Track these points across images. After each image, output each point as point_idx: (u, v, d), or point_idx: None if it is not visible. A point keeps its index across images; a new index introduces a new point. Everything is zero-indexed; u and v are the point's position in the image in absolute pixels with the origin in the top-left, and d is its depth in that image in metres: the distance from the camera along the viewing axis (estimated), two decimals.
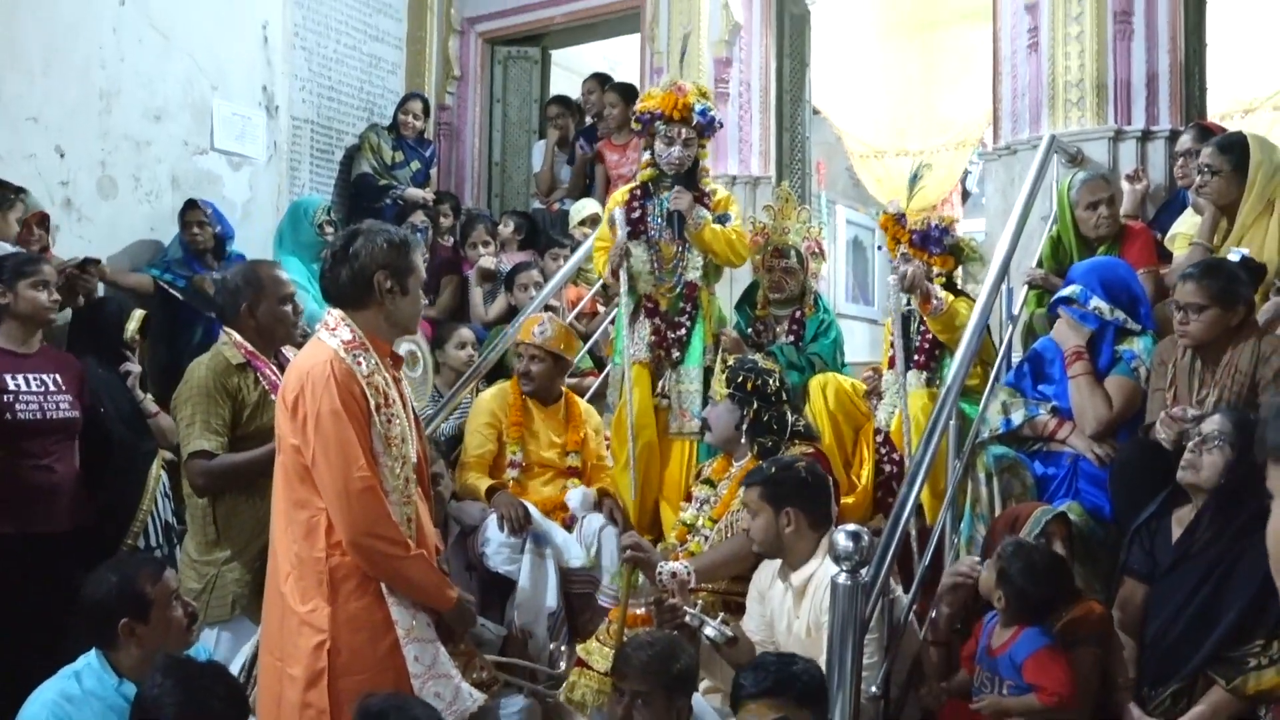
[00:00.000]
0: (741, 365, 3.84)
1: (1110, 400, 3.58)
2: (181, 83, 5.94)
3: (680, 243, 4.49)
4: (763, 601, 3.28)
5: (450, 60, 7.88)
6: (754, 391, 3.74)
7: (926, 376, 4.29)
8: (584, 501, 4.26)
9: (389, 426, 2.65)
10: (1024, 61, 5.48)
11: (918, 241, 4.35)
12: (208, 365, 3.39)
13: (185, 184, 5.91)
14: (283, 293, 3.51)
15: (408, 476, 2.67)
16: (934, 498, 3.88)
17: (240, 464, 3.30)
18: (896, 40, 8.65)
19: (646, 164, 4.59)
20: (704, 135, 4.53)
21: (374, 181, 6.93)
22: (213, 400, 3.31)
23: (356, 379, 2.62)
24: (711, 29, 6.61)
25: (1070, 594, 2.97)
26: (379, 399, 2.64)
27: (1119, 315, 3.67)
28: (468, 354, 5.22)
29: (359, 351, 2.67)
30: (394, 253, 2.73)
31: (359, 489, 2.56)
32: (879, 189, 8.91)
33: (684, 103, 4.42)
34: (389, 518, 2.59)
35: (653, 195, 4.55)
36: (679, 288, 4.47)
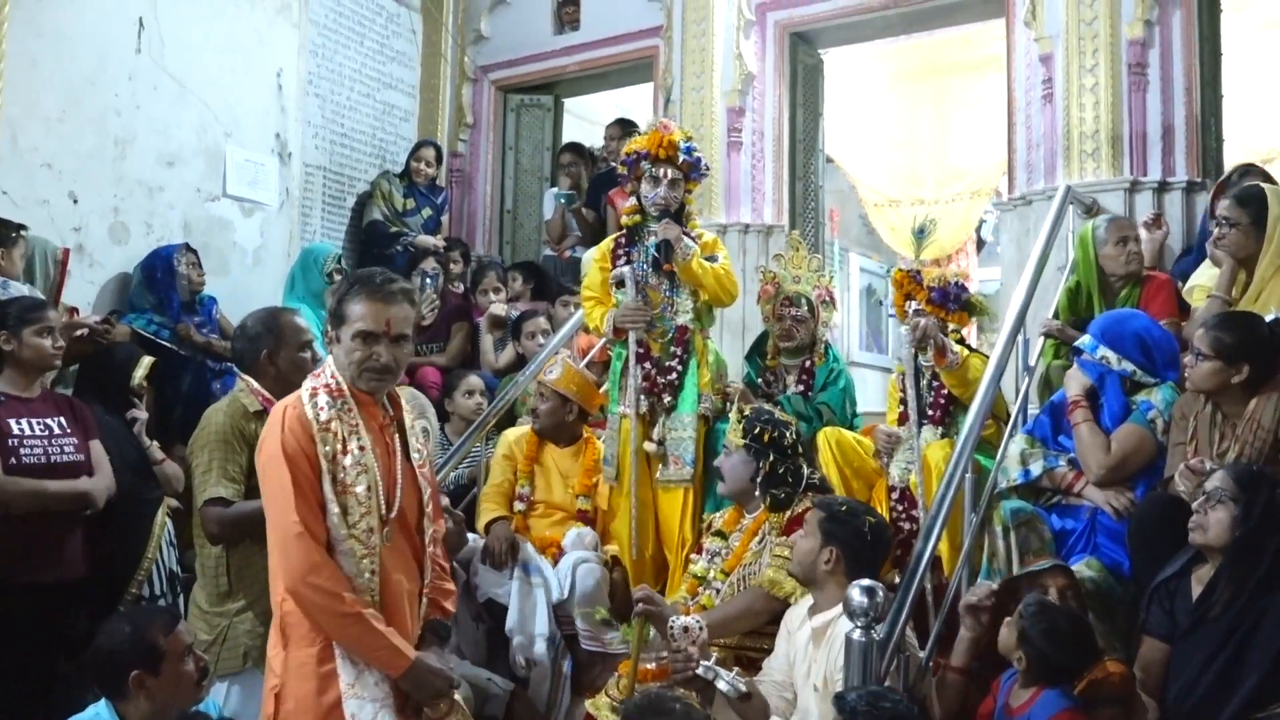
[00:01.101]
0: (758, 416, 3.82)
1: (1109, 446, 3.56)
2: (195, 129, 6.02)
3: (668, 283, 4.40)
4: (789, 640, 3.28)
5: (463, 108, 7.97)
6: (770, 443, 3.73)
7: (941, 431, 4.27)
8: (575, 541, 4.26)
9: (345, 474, 2.64)
10: (1038, 112, 5.52)
11: (937, 299, 4.34)
12: (225, 411, 3.40)
13: (197, 230, 5.96)
14: (302, 340, 3.54)
15: (371, 527, 2.65)
16: (952, 551, 3.85)
17: (256, 512, 3.26)
18: (910, 90, 8.73)
19: (631, 209, 4.51)
20: (690, 177, 4.43)
21: (385, 228, 6.98)
22: (230, 447, 3.32)
23: (307, 425, 2.63)
24: (724, 78, 6.68)
25: (1092, 655, 2.93)
26: (335, 446, 2.64)
27: (1126, 365, 3.66)
28: (475, 402, 5.25)
29: (325, 395, 2.68)
30: (334, 298, 2.77)
31: (292, 535, 2.57)
32: (893, 238, 8.95)
33: (669, 140, 4.35)
34: (323, 566, 2.57)
35: (638, 241, 4.47)
36: (670, 332, 4.40)
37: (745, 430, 3.79)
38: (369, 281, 2.72)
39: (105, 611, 3.57)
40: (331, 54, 7.18)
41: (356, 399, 2.73)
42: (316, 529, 2.60)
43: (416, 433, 2.92)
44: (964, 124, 8.51)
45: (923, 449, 4.13)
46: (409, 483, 2.79)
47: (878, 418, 4.95)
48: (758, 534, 3.69)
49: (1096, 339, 3.73)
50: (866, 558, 3.21)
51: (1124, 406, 3.64)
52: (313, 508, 2.61)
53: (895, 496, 4.23)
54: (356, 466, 2.66)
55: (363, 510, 2.65)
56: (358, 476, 2.65)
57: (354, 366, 2.71)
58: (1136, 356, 3.67)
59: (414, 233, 6.98)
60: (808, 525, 3.27)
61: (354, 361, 2.70)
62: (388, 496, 2.71)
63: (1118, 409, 3.64)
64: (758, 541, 3.67)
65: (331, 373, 2.74)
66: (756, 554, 3.64)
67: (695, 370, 4.37)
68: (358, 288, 2.72)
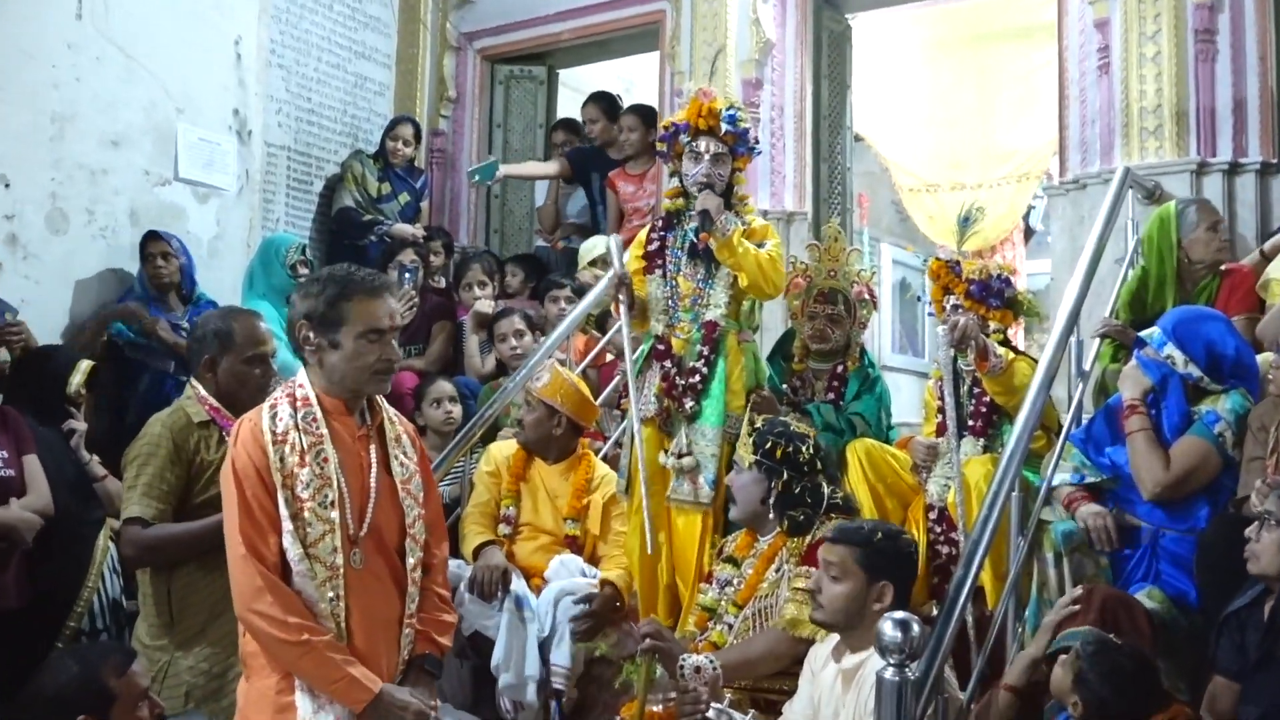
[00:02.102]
0: (770, 429, 3.82)
1: (1169, 460, 3.56)
2: (143, 105, 6.03)
3: (704, 271, 4.38)
4: (813, 681, 3.28)
5: (445, 80, 7.99)
6: (784, 460, 3.73)
7: (984, 443, 4.27)
8: (558, 571, 4.27)
9: (302, 488, 2.68)
10: (1094, 85, 5.53)
11: (976, 294, 4.35)
12: (164, 421, 3.40)
13: (145, 218, 5.97)
14: (252, 352, 3.50)
15: (335, 546, 2.68)
16: (996, 580, 3.86)
17: (181, 536, 3.28)
18: (950, 59, 8.72)
19: (673, 192, 4.52)
20: (737, 152, 4.41)
21: (357, 216, 7.00)
22: (161, 461, 3.32)
23: (259, 438, 2.69)
24: (740, 47, 6.69)
25: (1158, 700, 2.93)
26: (293, 458, 2.68)
27: (1192, 370, 3.66)
28: (444, 411, 5.26)
29: (285, 405, 2.74)
30: (318, 302, 2.77)
31: (237, 556, 2.65)
32: (931, 227, 8.94)
33: (709, 109, 4.34)
34: (269, 591, 2.62)
35: (675, 226, 4.47)
36: (697, 329, 4.36)
37: (756, 445, 3.79)
38: (356, 279, 2.80)
39: (41, 648, 3.58)
40: (297, 20, 7.20)
41: (326, 409, 2.76)
42: (264, 550, 2.65)
43: (404, 446, 2.93)
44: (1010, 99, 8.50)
45: (962, 464, 4.14)
46: (387, 499, 2.81)
47: (914, 429, 4.96)
48: (774, 561, 3.68)
49: (1166, 334, 3.73)
50: (908, 580, 3.24)
51: (1185, 415, 3.63)
52: (260, 527, 2.66)
53: (934, 516, 4.23)
54: (317, 480, 2.69)
55: (325, 529, 2.68)
56: (318, 491, 2.69)
57: (364, 370, 2.78)
58: (1205, 361, 3.67)
59: (390, 221, 6.99)
60: (835, 566, 3.20)
61: (365, 365, 2.77)
62: (358, 514, 2.74)
63: (1178, 418, 3.64)
64: (774, 570, 3.66)
65: (300, 382, 2.77)
66: (773, 584, 3.63)
67: (723, 375, 4.32)
68: (350, 287, 2.78)
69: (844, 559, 3.20)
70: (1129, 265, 4.81)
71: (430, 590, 2.91)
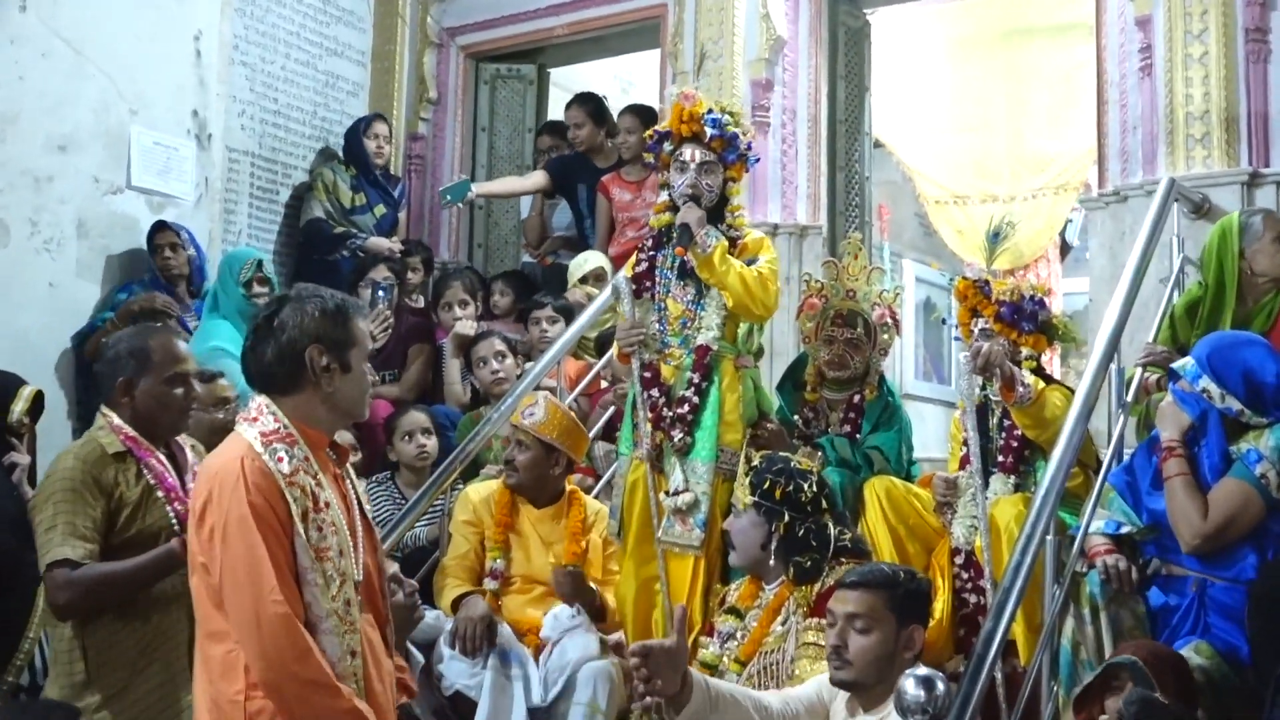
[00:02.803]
0: (768, 467, 3.82)
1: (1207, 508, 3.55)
2: (94, 106, 6.05)
3: (694, 292, 4.37)
4: None
5: (425, 80, 8.02)
6: (784, 500, 3.73)
7: (1015, 481, 4.28)
8: (554, 625, 4.26)
9: (319, 537, 2.66)
10: (1135, 88, 5.56)
11: (1006, 316, 4.36)
12: (76, 454, 3.40)
13: (94, 229, 5.99)
14: (172, 372, 3.50)
15: (348, 598, 2.68)
16: (1029, 633, 3.85)
17: (117, 575, 3.27)
18: (978, 58, 8.76)
19: (661, 206, 4.53)
20: (727, 160, 4.41)
21: (328, 228, 7.02)
22: (80, 498, 3.31)
23: (273, 480, 2.65)
24: (748, 44, 6.72)
25: None
26: (306, 503, 2.67)
27: (1231, 403, 3.64)
28: (417, 446, 5.27)
29: (281, 445, 2.70)
30: (329, 322, 2.79)
31: (271, 616, 2.57)
32: (959, 242, 8.95)
33: (690, 113, 4.35)
34: (311, 652, 2.58)
35: (664, 245, 4.47)
36: (687, 354, 4.37)
37: (753, 485, 3.79)
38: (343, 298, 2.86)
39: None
40: (263, 13, 7.24)
41: (311, 444, 2.76)
42: (298, 608, 2.61)
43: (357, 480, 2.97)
44: (1045, 102, 8.53)
45: (991, 504, 4.14)
46: (368, 540, 2.84)
47: (939, 465, 4.96)
48: (779, 612, 3.68)
49: (1200, 364, 3.72)
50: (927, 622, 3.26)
51: (1225, 455, 3.61)
52: (290, 583, 2.62)
53: (960, 561, 4.23)
54: (333, 528, 2.70)
55: (340, 579, 2.68)
56: (331, 538, 2.69)
57: (367, 394, 2.88)
58: (1244, 393, 3.65)
59: (364, 234, 7.01)
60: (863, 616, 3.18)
61: (366, 388, 2.88)
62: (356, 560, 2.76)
63: (1218, 458, 3.62)
64: (780, 622, 3.66)
65: (275, 416, 2.76)
66: (780, 638, 3.63)
67: (716, 404, 4.33)
68: (345, 306, 2.84)
69: (873, 606, 3.19)
70: (1175, 286, 4.82)
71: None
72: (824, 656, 3.37)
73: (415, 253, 7.02)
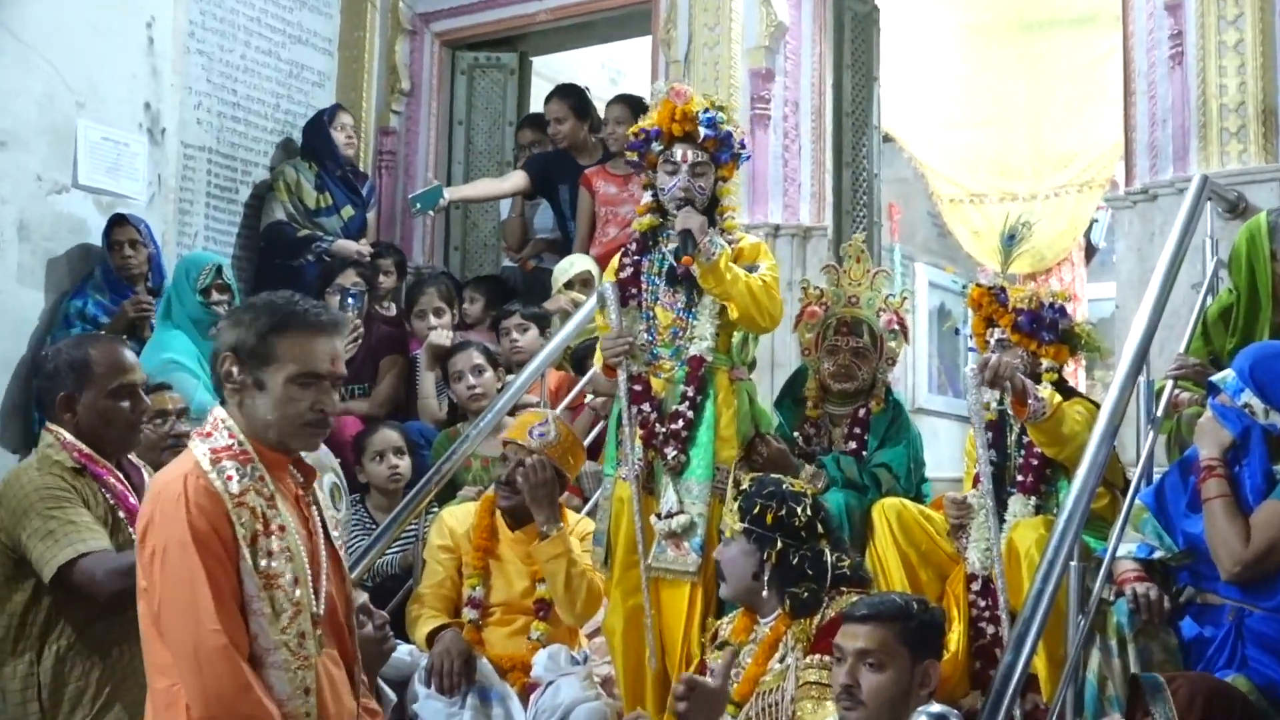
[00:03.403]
0: (758, 490, 3.80)
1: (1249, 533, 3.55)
2: (36, 99, 6.04)
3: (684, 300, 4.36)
4: None
5: (397, 69, 8.03)
6: (776, 526, 3.72)
7: (1035, 503, 4.28)
8: (549, 665, 4.25)
9: (269, 563, 2.64)
10: (1165, 79, 5.57)
11: (1025, 326, 4.36)
12: (37, 468, 3.41)
13: (37, 231, 5.97)
14: (118, 383, 3.50)
15: (303, 631, 2.66)
16: (1052, 666, 3.85)
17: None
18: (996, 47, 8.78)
19: (645, 208, 4.51)
20: (720, 160, 4.40)
21: (291, 231, 7.03)
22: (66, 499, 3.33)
23: (219, 500, 2.63)
24: (747, 31, 6.73)
25: None
26: (255, 526, 2.65)
27: (1276, 420, 3.64)
28: (388, 467, 5.27)
29: (232, 463, 2.69)
30: (248, 331, 2.76)
31: (210, 647, 2.55)
32: (975, 244, 8.97)
33: (683, 111, 4.34)
34: (251, 688, 2.56)
35: (650, 250, 4.47)
36: (679, 366, 4.35)
37: (743, 510, 3.78)
38: (298, 310, 2.78)
39: None
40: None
41: (267, 463, 2.74)
42: (241, 640, 2.59)
43: (326, 504, 2.95)
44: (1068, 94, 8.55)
45: (1009, 528, 4.15)
46: (334, 570, 2.82)
47: (953, 486, 4.96)
48: (776, 647, 3.67)
49: (1242, 377, 3.72)
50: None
51: (1269, 475, 3.61)
52: (233, 611, 2.59)
53: (976, 589, 4.23)
54: (286, 554, 2.67)
55: (293, 609, 2.65)
56: (284, 565, 2.66)
57: (289, 421, 2.74)
58: None
59: (330, 237, 7.02)
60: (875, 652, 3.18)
61: (292, 414, 2.74)
62: (316, 589, 2.73)
63: (1260, 478, 3.61)
64: (778, 659, 3.65)
65: (230, 431, 2.75)
66: (779, 676, 3.61)
67: (712, 420, 4.33)
68: (288, 319, 2.76)
69: (885, 641, 3.18)
70: (1208, 291, 4.83)
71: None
72: (828, 697, 3.36)
73: (386, 256, 7.00)
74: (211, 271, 5.83)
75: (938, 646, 3.29)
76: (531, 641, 4.44)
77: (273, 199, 7.15)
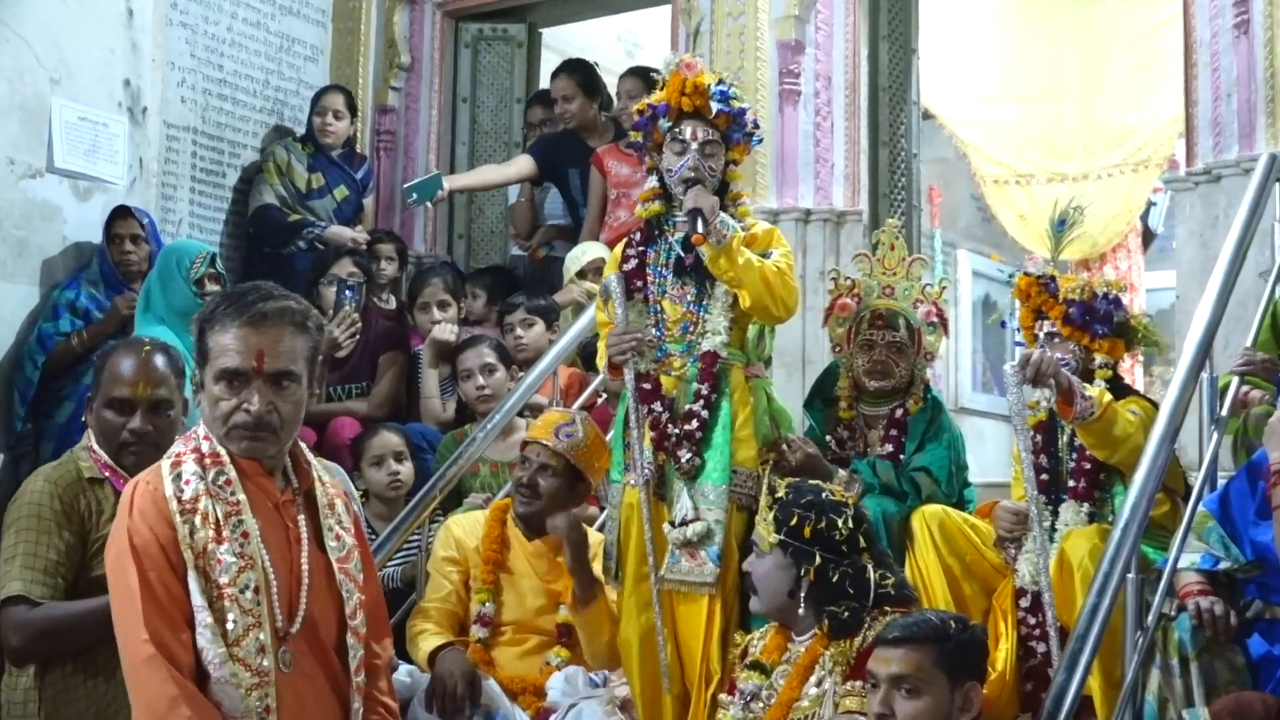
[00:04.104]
0: (795, 499, 3.77)
1: None
2: (7, 75, 6.04)
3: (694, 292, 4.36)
4: None
5: (396, 42, 8.04)
6: (815, 539, 3.72)
7: (1089, 510, 4.28)
8: (569, 687, 4.25)
9: (220, 571, 2.69)
10: (1229, 49, 5.56)
11: (1077, 318, 4.35)
12: (48, 475, 3.46)
13: (8, 218, 5.97)
14: (113, 394, 3.55)
15: (263, 644, 2.69)
16: (1108, 687, 3.84)
17: (78, 616, 3.29)
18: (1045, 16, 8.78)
19: (649, 194, 4.49)
20: (732, 139, 4.38)
21: (281, 216, 7.04)
22: (44, 525, 3.35)
23: (159, 503, 2.70)
24: (775, 1, 6.73)
25: None
26: (206, 533, 2.70)
27: None
28: (388, 473, 5.29)
29: (192, 467, 2.75)
30: (195, 328, 2.84)
31: (141, 659, 2.62)
32: (1022, 229, 8.97)
33: (693, 84, 4.29)
34: (189, 703, 2.60)
35: (656, 239, 4.45)
36: (691, 362, 4.34)
37: (779, 522, 3.77)
38: (231, 299, 2.83)
39: None
40: None
41: (240, 468, 2.79)
42: (176, 650, 2.64)
43: (338, 514, 2.96)
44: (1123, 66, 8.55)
45: (1060, 537, 4.15)
46: (321, 583, 2.84)
47: (1000, 491, 4.95)
48: (812, 670, 3.66)
49: None
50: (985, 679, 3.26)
51: None
52: (172, 620, 2.65)
53: (1025, 604, 4.22)
54: (238, 561, 2.70)
55: (249, 622, 2.69)
56: (239, 575, 2.70)
57: (218, 422, 2.81)
58: None
59: (324, 222, 7.03)
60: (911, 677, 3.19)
61: (219, 415, 2.80)
62: (288, 603, 2.76)
63: None
64: (814, 683, 3.64)
65: (204, 434, 2.81)
66: (815, 701, 3.59)
67: (728, 420, 4.33)
68: (223, 309, 2.81)
69: (920, 665, 3.20)
70: (1276, 279, 4.81)
71: (374, 698, 2.93)
72: None
73: (385, 242, 7.00)
74: (206, 260, 5.78)
75: (979, 667, 3.29)
76: (550, 666, 4.44)
77: (261, 181, 7.16)
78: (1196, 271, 5.42)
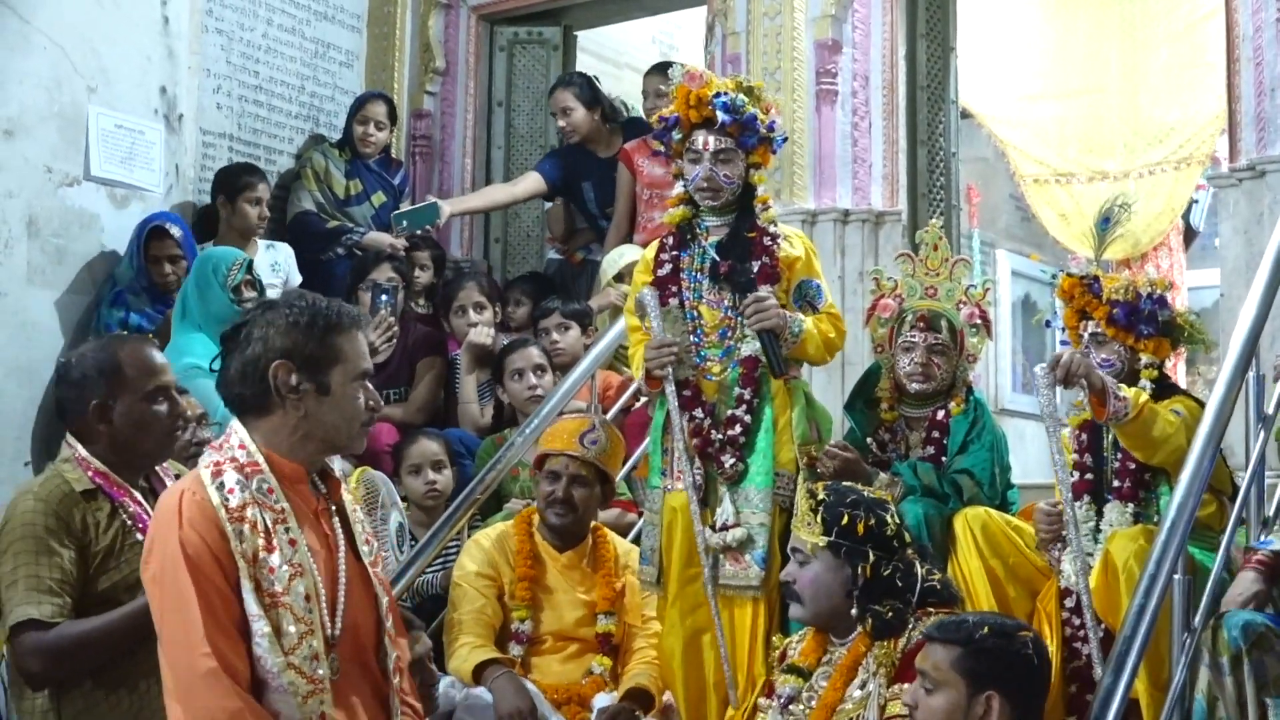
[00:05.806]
0: (839, 500, 3.77)
1: None
2: (45, 84, 6.09)
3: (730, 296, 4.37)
4: None
5: (431, 46, 8.05)
6: (867, 537, 3.71)
7: (1134, 510, 4.25)
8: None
9: (273, 581, 2.69)
10: (1273, 42, 5.53)
11: (1121, 319, 4.33)
12: (37, 495, 3.40)
13: (46, 227, 6.02)
14: (151, 385, 3.50)
15: (316, 651, 2.70)
16: (1155, 690, 3.82)
17: (96, 634, 3.28)
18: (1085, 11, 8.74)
19: (676, 199, 4.54)
20: (745, 144, 4.40)
21: (319, 223, 7.07)
22: (43, 546, 3.31)
23: (213, 515, 2.69)
24: (811, 1, 6.72)
25: None
26: (256, 542, 2.70)
27: None
28: (424, 482, 5.30)
29: (235, 475, 2.74)
30: (300, 334, 2.82)
31: (200, 672, 2.60)
32: (1063, 229, 8.93)
33: (697, 95, 4.34)
34: (244, 714, 2.59)
35: (689, 244, 4.49)
36: (731, 367, 4.38)
37: (827, 523, 3.75)
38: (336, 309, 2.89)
39: None
40: None
41: (282, 476, 2.79)
42: (236, 662, 2.63)
43: (360, 518, 2.99)
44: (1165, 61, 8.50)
45: (1105, 538, 4.13)
46: (359, 588, 2.86)
47: (1040, 493, 4.93)
48: (855, 673, 3.65)
49: None
50: (1034, 694, 3.22)
51: None
52: (229, 632, 2.64)
53: (1070, 605, 4.20)
54: (290, 568, 2.71)
55: (303, 630, 2.69)
56: (291, 582, 2.70)
57: (355, 422, 2.88)
58: None
59: (362, 228, 7.06)
60: (930, 675, 3.20)
61: (357, 415, 2.88)
62: (332, 609, 2.77)
63: None
64: (859, 685, 3.63)
65: (240, 442, 2.81)
66: (859, 704, 3.58)
67: (770, 423, 4.34)
68: (339, 318, 2.87)
69: (939, 663, 3.20)
70: None
71: (401, 699, 2.94)
72: None
73: (422, 249, 7.01)
74: (242, 266, 5.82)
75: (1010, 680, 3.20)
76: (594, 675, 4.46)
77: (300, 188, 7.18)
78: (1241, 268, 5.38)
